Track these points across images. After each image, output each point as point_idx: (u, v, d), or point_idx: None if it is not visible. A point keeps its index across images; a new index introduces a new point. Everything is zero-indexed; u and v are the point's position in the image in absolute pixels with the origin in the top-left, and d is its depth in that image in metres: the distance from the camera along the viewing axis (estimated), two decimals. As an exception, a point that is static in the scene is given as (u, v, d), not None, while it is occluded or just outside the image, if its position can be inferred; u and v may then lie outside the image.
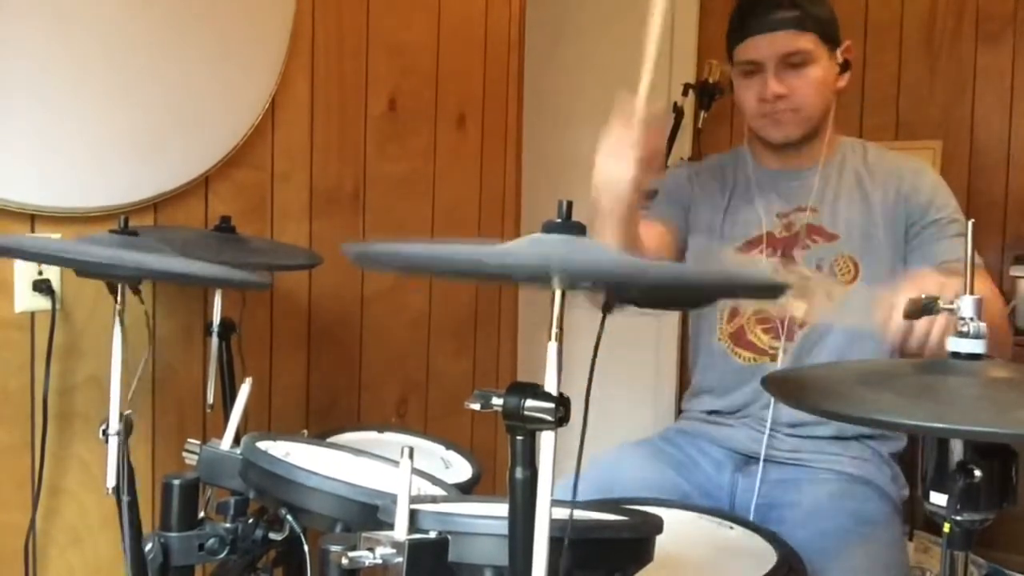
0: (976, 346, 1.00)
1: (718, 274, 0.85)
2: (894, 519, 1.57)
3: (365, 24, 2.17)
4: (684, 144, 3.19)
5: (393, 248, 0.80)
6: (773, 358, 1.66)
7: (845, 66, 1.67)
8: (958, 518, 0.95)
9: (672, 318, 3.26)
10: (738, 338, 1.70)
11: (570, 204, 0.86)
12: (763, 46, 1.63)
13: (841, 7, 1.72)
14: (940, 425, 0.86)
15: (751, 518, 1.54)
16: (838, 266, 1.66)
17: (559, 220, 0.85)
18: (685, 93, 3.14)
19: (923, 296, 1.09)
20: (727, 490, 1.65)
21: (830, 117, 1.71)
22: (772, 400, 1.58)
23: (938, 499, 0.96)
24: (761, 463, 1.62)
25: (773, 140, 1.70)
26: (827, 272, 1.66)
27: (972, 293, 1.02)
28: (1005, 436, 0.85)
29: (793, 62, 1.62)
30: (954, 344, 1.01)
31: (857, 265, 1.65)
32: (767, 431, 1.63)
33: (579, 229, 0.84)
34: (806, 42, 1.62)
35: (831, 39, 1.65)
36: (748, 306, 1.70)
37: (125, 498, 1.37)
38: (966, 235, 1.05)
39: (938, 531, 0.99)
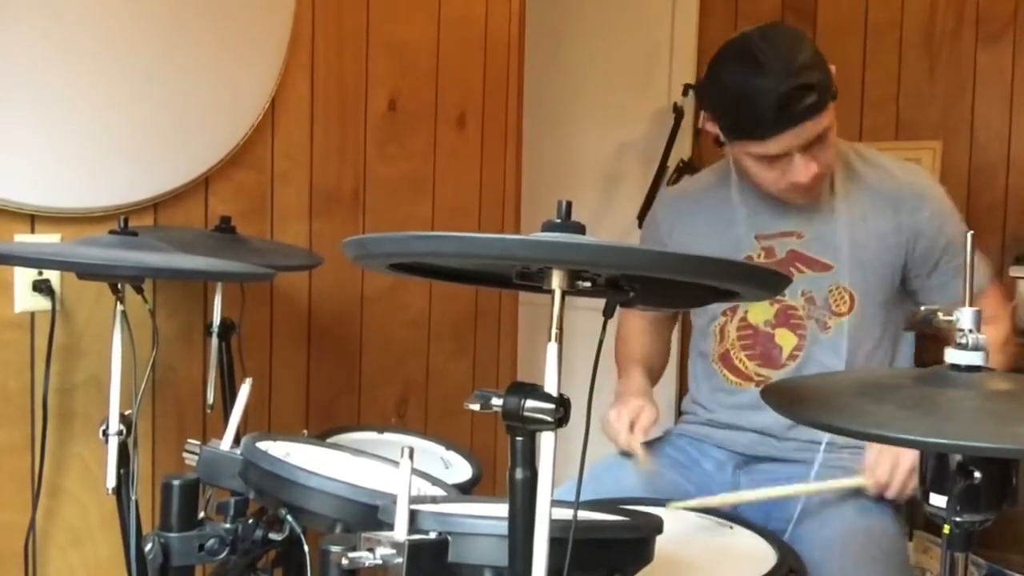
0: (974, 358, 0.99)
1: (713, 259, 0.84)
2: (895, 514, 1.56)
3: (365, 24, 2.17)
4: (684, 144, 3.19)
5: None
6: (759, 384, 1.64)
7: (834, 95, 1.51)
8: (958, 519, 0.95)
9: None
10: (725, 360, 1.70)
11: (570, 204, 0.86)
12: (787, 140, 1.47)
13: (841, 7, 1.67)
14: (940, 440, 0.86)
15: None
16: (832, 298, 1.61)
17: (559, 220, 0.85)
18: (685, 93, 3.14)
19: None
20: (728, 489, 1.65)
21: None
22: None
23: (938, 500, 0.96)
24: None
25: (798, 204, 1.61)
26: (821, 305, 1.61)
27: (972, 304, 1.01)
28: (1005, 451, 0.85)
29: (819, 140, 1.50)
30: (953, 356, 1.00)
31: (853, 297, 1.61)
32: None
33: (578, 229, 0.84)
34: (827, 118, 1.48)
35: (834, 91, 1.50)
36: (732, 329, 1.68)
37: (131, 498, 1.37)
38: (966, 248, 1.03)
39: (938, 531, 0.98)
